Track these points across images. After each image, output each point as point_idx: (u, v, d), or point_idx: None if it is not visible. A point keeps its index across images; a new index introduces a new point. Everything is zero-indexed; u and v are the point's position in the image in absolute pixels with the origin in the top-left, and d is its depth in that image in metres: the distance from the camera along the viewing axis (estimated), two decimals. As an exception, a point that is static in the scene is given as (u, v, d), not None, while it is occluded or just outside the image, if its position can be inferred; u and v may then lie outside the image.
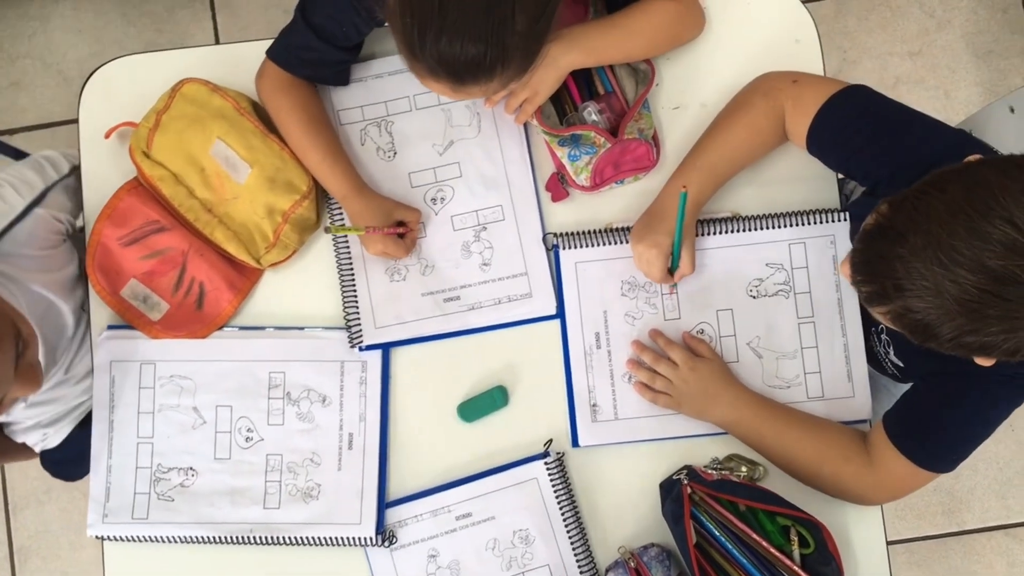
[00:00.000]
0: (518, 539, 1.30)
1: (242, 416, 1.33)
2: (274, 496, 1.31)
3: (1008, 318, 0.88)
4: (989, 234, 0.87)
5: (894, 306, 0.94)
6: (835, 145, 1.22)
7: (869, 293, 0.97)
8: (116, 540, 1.32)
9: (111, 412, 1.34)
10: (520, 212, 1.35)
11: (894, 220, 0.94)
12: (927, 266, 0.89)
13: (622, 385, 1.33)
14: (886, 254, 0.93)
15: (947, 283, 0.89)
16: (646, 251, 1.27)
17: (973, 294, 0.88)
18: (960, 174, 0.92)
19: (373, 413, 1.32)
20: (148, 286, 1.35)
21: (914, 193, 0.94)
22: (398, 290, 1.34)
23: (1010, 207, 0.87)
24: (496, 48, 1.04)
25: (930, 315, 0.91)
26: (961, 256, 0.88)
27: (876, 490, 1.24)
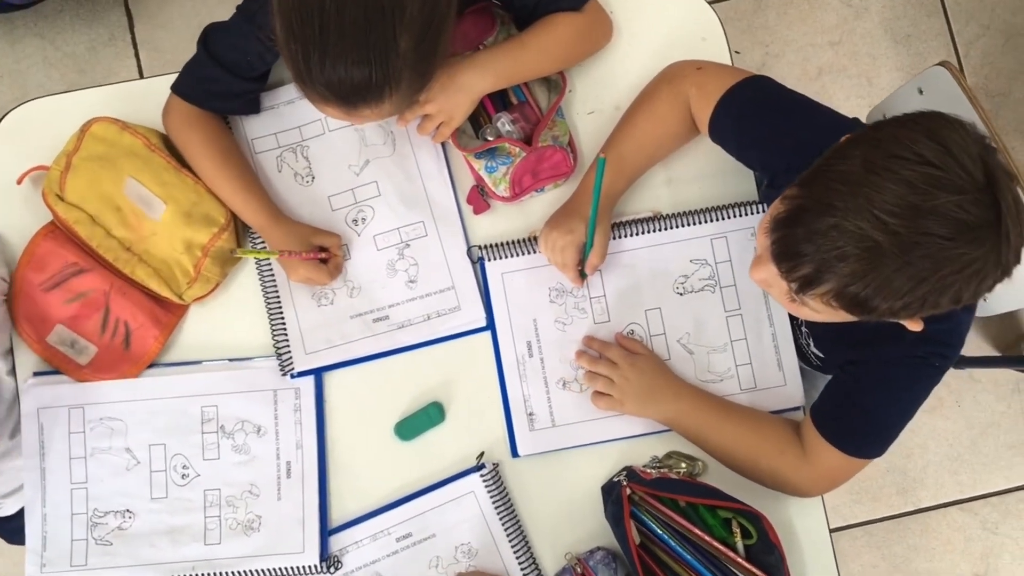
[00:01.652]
0: (461, 554, 1.30)
1: (177, 453, 1.31)
2: (214, 531, 1.30)
3: (949, 260, 0.89)
4: (910, 178, 0.88)
5: (831, 285, 0.94)
6: (734, 134, 1.23)
7: (806, 276, 0.96)
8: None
9: (42, 460, 1.32)
10: (442, 227, 1.35)
11: (812, 196, 0.94)
12: (856, 226, 0.89)
13: (557, 392, 1.33)
14: (817, 229, 0.93)
15: (880, 236, 0.89)
16: (559, 239, 1.26)
17: (911, 245, 0.88)
18: (858, 140, 0.94)
19: (310, 439, 1.31)
20: (74, 330, 1.33)
21: (821, 168, 0.95)
22: (326, 314, 1.34)
23: (918, 149, 0.88)
24: (381, 70, 1.04)
25: (871, 282, 0.91)
26: (891, 205, 0.88)
27: (812, 482, 1.25)
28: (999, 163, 0.90)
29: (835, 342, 1.25)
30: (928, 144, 0.89)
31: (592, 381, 1.31)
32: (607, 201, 1.27)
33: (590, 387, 1.32)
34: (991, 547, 2.24)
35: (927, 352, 1.12)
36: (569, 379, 1.33)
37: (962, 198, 0.87)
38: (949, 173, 0.88)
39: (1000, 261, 0.90)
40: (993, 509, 2.25)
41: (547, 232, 1.29)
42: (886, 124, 0.95)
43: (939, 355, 1.13)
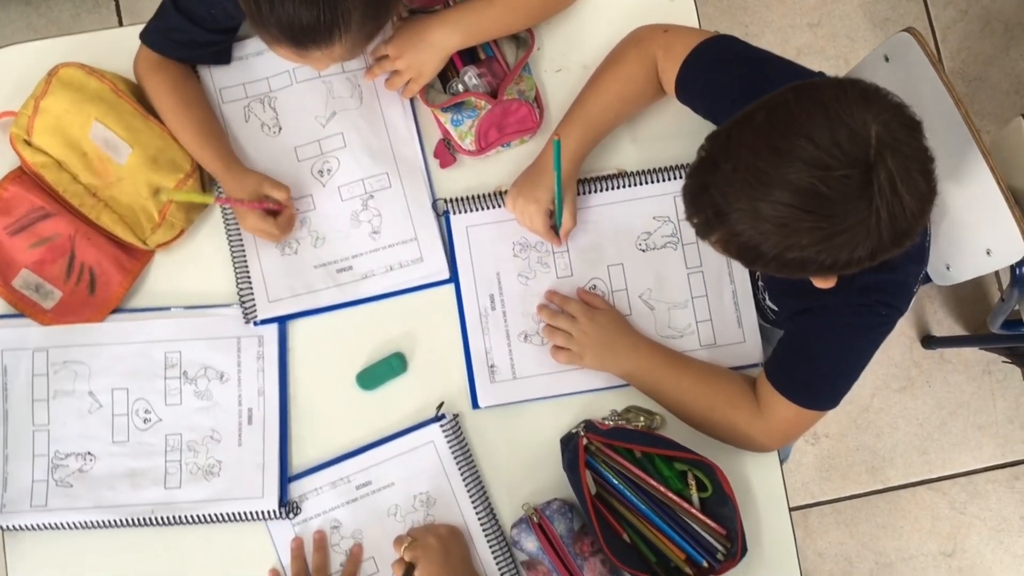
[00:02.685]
0: (419, 503, 1.31)
1: (139, 398, 1.32)
2: (175, 476, 1.31)
3: (818, 229, 0.92)
4: (790, 151, 0.91)
5: (721, 233, 0.99)
6: (701, 92, 1.25)
7: (698, 225, 1.01)
8: (16, 530, 1.30)
9: (4, 402, 1.33)
10: (406, 179, 1.36)
11: (711, 152, 0.99)
12: (739, 189, 0.94)
13: (519, 345, 1.34)
14: (705, 184, 0.97)
15: (759, 204, 0.93)
16: (526, 206, 1.29)
17: (783, 210, 0.92)
18: (764, 103, 0.96)
19: (272, 387, 1.32)
20: (40, 275, 1.33)
21: (728, 125, 0.98)
22: (290, 263, 1.35)
23: (807, 123, 0.91)
24: (329, 11, 1.05)
25: (752, 238, 0.95)
26: (767, 176, 0.92)
27: (766, 435, 1.26)
28: (898, 141, 0.91)
29: (786, 293, 1.27)
30: (814, 117, 0.91)
31: (552, 335, 1.32)
32: (573, 163, 1.29)
33: (550, 341, 1.32)
34: (959, 527, 2.25)
35: (873, 300, 1.14)
36: (531, 332, 1.34)
37: (828, 174, 0.90)
38: (823, 150, 0.90)
39: (871, 234, 0.92)
40: (961, 489, 2.26)
41: (514, 197, 1.31)
42: (791, 90, 0.96)
43: (884, 304, 1.14)
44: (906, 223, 0.93)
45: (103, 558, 1.32)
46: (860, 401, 2.27)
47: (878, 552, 2.25)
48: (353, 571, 1.29)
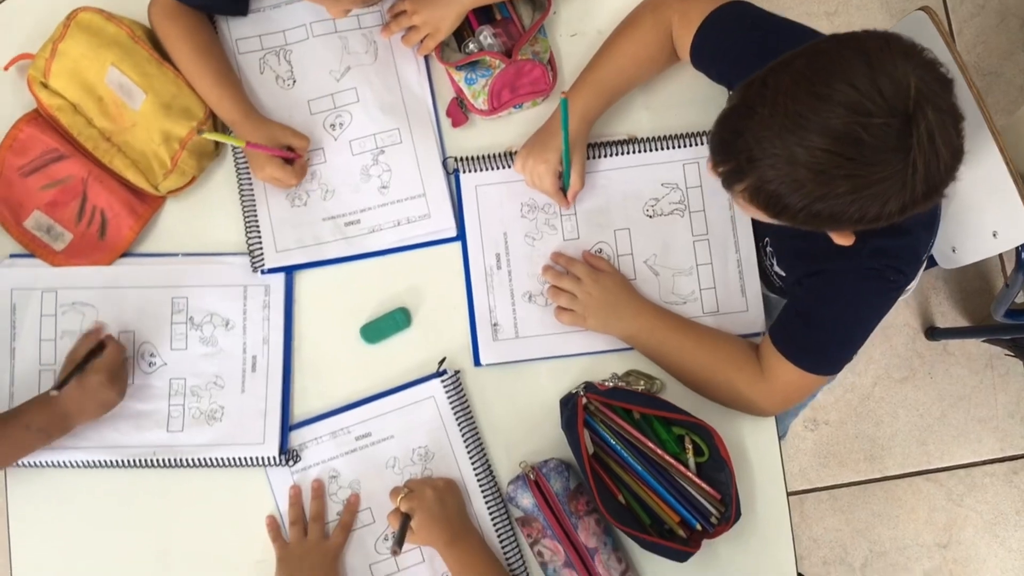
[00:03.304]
0: (417, 456, 1.32)
1: (145, 342, 1.33)
2: (177, 419, 1.32)
3: (853, 177, 0.91)
4: (831, 96, 0.90)
5: (749, 181, 0.98)
6: (717, 58, 1.25)
7: (726, 173, 1.01)
8: (20, 466, 1.31)
9: (12, 340, 1.34)
10: (417, 135, 1.37)
11: (745, 97, 0.97)
12: (776, 134, 0.93)
13: (523, 304, 1.35)
14: (739, 130, 0.96)
15: (795, 148, 0.92)
16: (535, 167, 1.29)
17: (820, 156, 0.91)
18: (803, 51, 0.96)
19: (276, 336, 1.33)
20: (51, 217, 1.35)
21: (764, 72, 0.97)
22: (299, 215, 1.36)
23: (848, 70, 0.90)
24: None
25: (782, 185, 0.95)
26: (806, 120, 0.91)
27: (767, 398, 1.27)
28: (935, 95, 0.91)
29: (796, 256, 1.27)
30: (856, 64, 0.91)
31: (556, 296, 1.33)
32: (584, 123, 1.29)
33: (554, 302, 1.33)
34: (955, 518, 2.26)
35: (883, 265, 1.14)
36: (535, 293, 1.35)
37: (869, 120, 0.89)
38: (865, 96, 0.89)
39: (906, 187, 0.92)
40: (959, 481, 2.27)
41: (524, 158, 1.32)
42: (828, 41, 0.97)
43: (893, 269, 1.14)
44: (939, 177, 0.92)
45: (103, 498, 1.33)
46: (861, 389, 2.27)
47: (873, 540, 2.25)
48: (349, 520, 1.30)
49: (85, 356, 1.25)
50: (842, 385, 2.27)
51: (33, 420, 1.24)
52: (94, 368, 1.24)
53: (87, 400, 1.25)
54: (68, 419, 1.26)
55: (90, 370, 1.24)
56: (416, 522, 1.22)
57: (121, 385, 1.27)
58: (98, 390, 1.24)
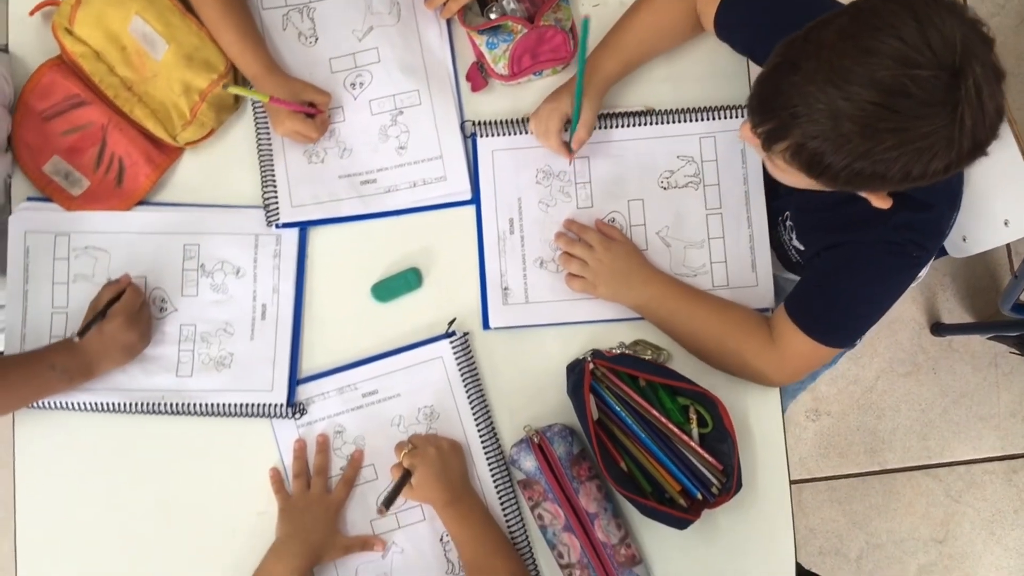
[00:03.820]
0: (423, 416, 1.32)
1: (156, 287, 1.34)
2: (187, 365, 1.33)
3: (899, 131, 0.90)
4: (878, 49, 0.89)
5: (792, 140, 0.96)
6: (740, 27, 1.25)
7: (768, 131, 0.99)
8: (29, 408, 1.33)
9: (25, 283, 1.35)
10: (437, 98, 1.37)
11: (788, 55, 0.96)
12: (820, 88, 0.92)
13: (534, 270, 1.36)
14: (781, 86, 0.95)
15: (840, 102, 0.91)
16: (545, 107, 1.31)
17: (866, 109, 0.90)
18: (845, 9, 0.96)
19: (287, 285, 1.34)
20: (70, 162, 1.36)
21: (806, 30, 0.97)
22: (316, 171, 1.36)
23: (896, 23, 0.89)
24: None
25: (825, 142, 0.93)
26: (852, 73, 0.90)
27: (777, 367, 1.27)
28: (979, 52, 0.91)
29: (817, 229, 1.26)
30: (904, 18, 0.90)
31: (567, 262, 1.33)
32: (600, 83, 1.30)
33: (566, 268, 1.34)
34: (952, 514, 2.26)
35: (905, 239, 1.14)
36: (547, 259, 1.36)
37: (917, 73, 0.89)
38: (913, 48, 0.89)
39: (952, 143, 0.91)
40: (958, 478, 2.27)
41: (538, 107, 1.33)
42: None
43: (916, 244, 1.14)
44: (984, 134, 0.92)
45: (108, 443, 1.34)
46: (864, 382, 2.28)
47: (870, 532, 2.26)
48: (353, 476, 1.31)
49: (106, 303, 1.26)
50: (845, 377, 2.28)
51: (57, 361, 1.25)
52: (112, 312, 1.25)
53: (108, 345, 1.26)
54: (91, 365, 1.27)
55: (108, 315, 1.25)
56: (416, 479, 1.23)
57: (142, 328, 1.29)
58: (117, 334, 1.25)
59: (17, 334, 1.34)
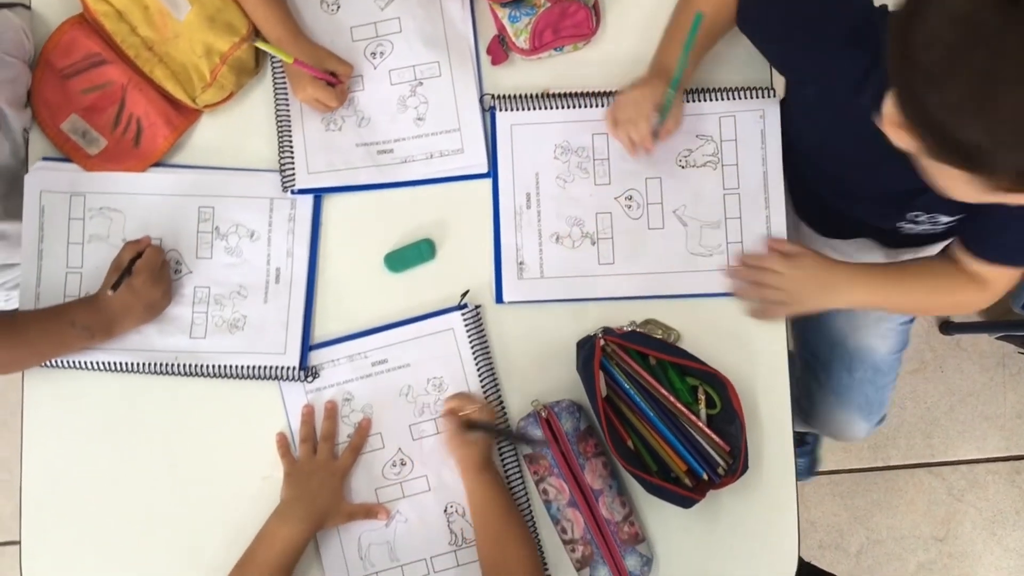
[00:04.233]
0: (432, 386, 1.32)
1: (171, 249, 1.34)
2: (200, 326, 1.33)
3: None
4: None
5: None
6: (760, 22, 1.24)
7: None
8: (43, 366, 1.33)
9: (40, 242, 1.35)
10: (457, 70, 1.37)
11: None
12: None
13: (550, 245, 1.35)
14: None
15: None
16: (631, 95, 1.26)
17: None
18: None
19: (301, 249, 1.34)
20: (88, 121, 1.36)
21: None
22: (333, 139, 1.36)
23: None
24: None
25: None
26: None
27: (988, 301, 1.28)
28: None
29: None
30: None
31: (760, 292, 1.31)
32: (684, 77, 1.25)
33: (754, 297, 1.32)
34: (953, 513, 2.26)
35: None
36: (563, 235, 1.36)
37: None
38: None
39: None
40: (961, 477, 2.27)
41: (626, 91, 1.29)
42: None
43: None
44: None
45: (117, 402, 1.35)
46: (871, 377, 2.27)
47: (870, 528, 2.26)
48: (359, 443, 1.31)
49: (130, 261, 1.27)
50: (852, 372, 2.27)
51: (78, 318, 1.25)
52: (136, 268, 1.26)
53: (133, 302, 1.26)
54: (112, 322, 1.27)
55: (134, 271, 1.26)
56: (472, 437, 1.24)
57: (164, 286, 1.29)
58: (142, 290, 1.26)
59: (32, 293, 1.34)
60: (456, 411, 1.26)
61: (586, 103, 1.36)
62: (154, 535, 1.33)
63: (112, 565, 1.33)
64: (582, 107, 1.36)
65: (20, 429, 1.34)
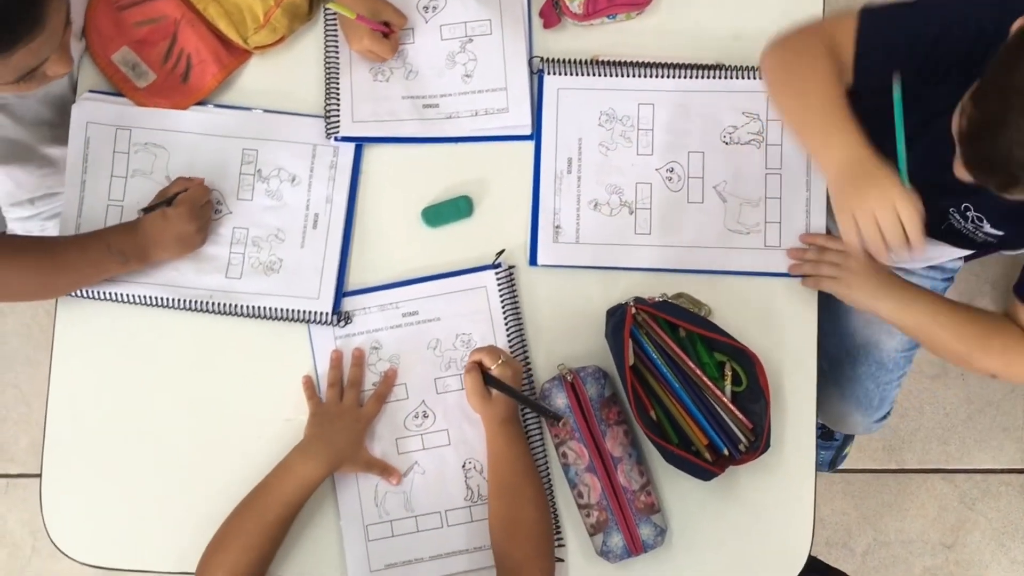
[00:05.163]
0: (460, 342, 1.33)
1: (212, 189, 1.35)
2: (237, 267, 1.34)
3: None
4: None
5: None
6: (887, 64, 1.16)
7: (998, 184, 0.97)
8: (78, 296, 1.34)
9: (83, 173, 1.36)
10: (508, 29, 1.37)
11: (985, 112, 0.94)
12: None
13: (587, 211, 1.35)
14: (999, 145, 0.92)
15: None
16: (876, 207, 1.07)
17: None
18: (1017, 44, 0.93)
19: (340, 196, 1.35)
20: (139, 54, 1.37)
21: (990, 79, 0.94)
22: (380, 89, 1.37)
23: None
24: None
25: None
26: None
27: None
28: None
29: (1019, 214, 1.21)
30: None
31: (818, 268, 1.30)
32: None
33: (812, 273, 1.31)
34: (963, 521, 2.25)
35: None
36: (602, 202, 1.36)
37: None
38: None
39: None
40: (974, 485, 2.26)
41: (851, 210, 1.09)
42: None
43: None
44: None
45: (146, 336, 1.36)
46: (892, 379, 2.26)
47: (879, 529, 2.25)
48: (385, 392, 1.32)
49: (175, 194, 1.28)
50: (873, 373, 2.26)
51: (114, 241, 1.26)
52: (178, 200, 1.27)
53: (167, 231, 1.27)
54: (146, 250, 1.28)
55: (175, 202, 1.27)
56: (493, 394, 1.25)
57: (201, 223, 1.30)
58: (177, 222, 1.27)
59: (72, 223, 1.35)
60: (481, 364, 1.26)
61: (635, 72, 1.36)
62: (173, 470, 1.34)
63: (130, 498, 1.34)
64: (630, 76, 1.36)
65: (48, 363, 1.35)
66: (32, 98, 1.31)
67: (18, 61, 1.03)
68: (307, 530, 1.31)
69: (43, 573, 2.23)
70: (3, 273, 1.22)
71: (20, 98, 1.30)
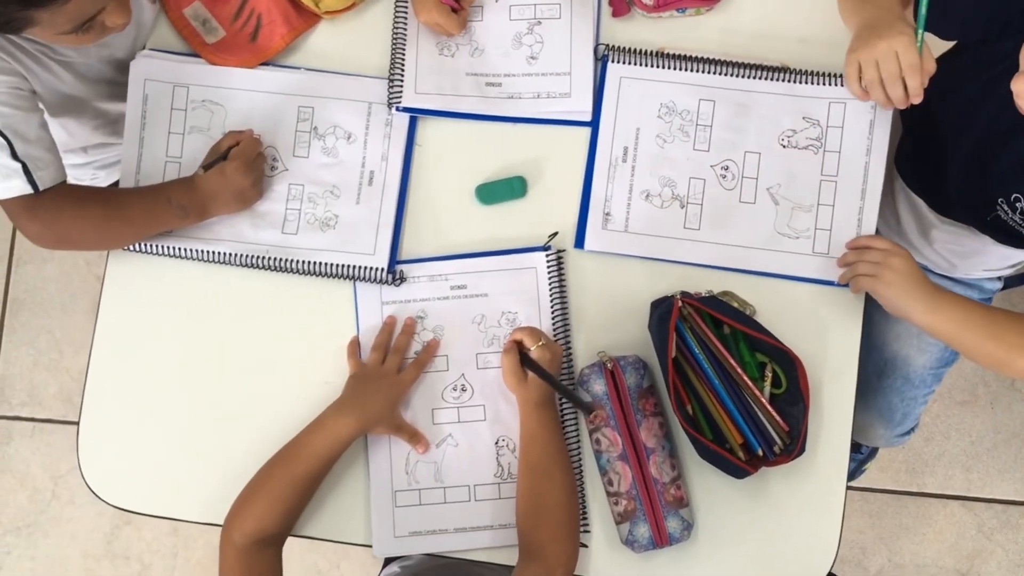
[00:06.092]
0: (505, 320, 1.34)
1: (269, 146, 1.36)
2: (292, 223, 1.35)
3: None
4: None
5: None
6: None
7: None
8: (132, 251, 1.36)
9: (142, 129, 1.37)
10: (577, 14, 1.38)
11: None
12: None
13: (639, 201, 1.36)
14: None
15: None
16: (895, 41, 1.17)
17: None
18: None
19: (396, 154, 1.36)
20: (210, 10, 1.38)
21: None
22: (444, 64, 1.38)
23: None
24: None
25: None
26: None
27: None
28: None
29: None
30: None
31: (856, 267, 1.29)
32: None
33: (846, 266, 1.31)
34: (980, 550, 2.24)
35: None
36: (653, 193, 1.36)
37: None
38: None
39: None
40: (994, 515, 2.24)
41: (870, 47, 1.20)
42: None
43: None
44: None
45: (195, 290, 1.37)
46: (919, 402, 2.25)
47: (894, 551, 2.24)
48: (425, 361, 1.33)
49: (228, 148, 1.29)
50: (901, 394, 2.25)
51: (174, 196, 1.28)
52: (232, 154, 1.29)
53: (225, 187, 1.29)
54: (205, 204, 1.30)
55: (229, 157, 1.28)
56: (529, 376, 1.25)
57: (256, 176, 1.31)
58: (234, 176, 1.28)
59: (132, 179, 1.37)
60: (521, 345, 1.26)
61: (699, 68, 1.36)
62: (208, 423, 1.36)
63: (163, 447, 1.36)
64: (694, 71, 1.36)
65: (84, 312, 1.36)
66: (96, 58, 1.33)
67: (74, 8, 1.05)
68: (336, 491, 1.32)
69: (60, 519, 2.26)
70: (65, 223, 1.24)
71: (84, 58, 1.31)
